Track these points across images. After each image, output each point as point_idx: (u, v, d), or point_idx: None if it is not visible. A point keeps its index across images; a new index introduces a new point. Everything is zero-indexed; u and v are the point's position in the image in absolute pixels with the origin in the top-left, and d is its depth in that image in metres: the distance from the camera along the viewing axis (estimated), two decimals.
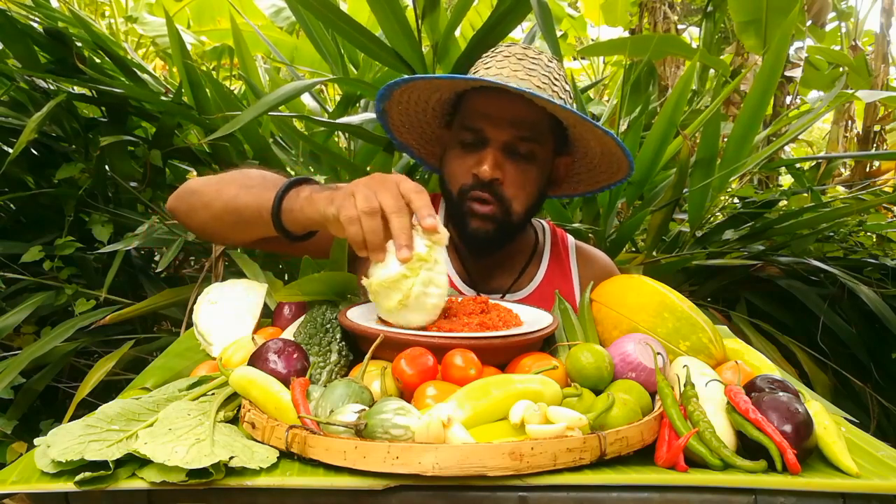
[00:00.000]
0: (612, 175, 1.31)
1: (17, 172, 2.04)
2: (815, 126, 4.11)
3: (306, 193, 0.99)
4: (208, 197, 1.14)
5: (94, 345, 2.05)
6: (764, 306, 2.30)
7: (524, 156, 1.19)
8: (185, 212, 1.20)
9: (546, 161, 1.24)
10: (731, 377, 0.88)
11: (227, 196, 1.11)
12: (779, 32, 2.08)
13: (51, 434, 0.72)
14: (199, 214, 1.16)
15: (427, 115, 1.34)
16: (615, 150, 1.20)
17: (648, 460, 0.74)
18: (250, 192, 1.08)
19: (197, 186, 1.19)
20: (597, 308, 1.08)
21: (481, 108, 1.20)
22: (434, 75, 1.19)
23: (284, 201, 1.02)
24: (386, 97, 1.26)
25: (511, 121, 1.17)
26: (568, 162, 1.30)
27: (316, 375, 0.89)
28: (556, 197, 1.47)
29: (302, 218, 0.99)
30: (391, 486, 0.67)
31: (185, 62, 2.02)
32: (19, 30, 1.93)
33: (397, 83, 1.21)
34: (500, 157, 1.17)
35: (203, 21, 3.94)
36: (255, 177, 1.13)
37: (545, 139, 1.21)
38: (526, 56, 1.22)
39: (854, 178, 3.89)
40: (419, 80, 1.19)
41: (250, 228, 1.10)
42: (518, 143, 1.18)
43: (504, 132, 1.17)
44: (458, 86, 1.24)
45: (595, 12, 4.62)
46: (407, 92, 1.26)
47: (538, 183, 1.23)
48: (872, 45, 4.37)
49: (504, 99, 1.16)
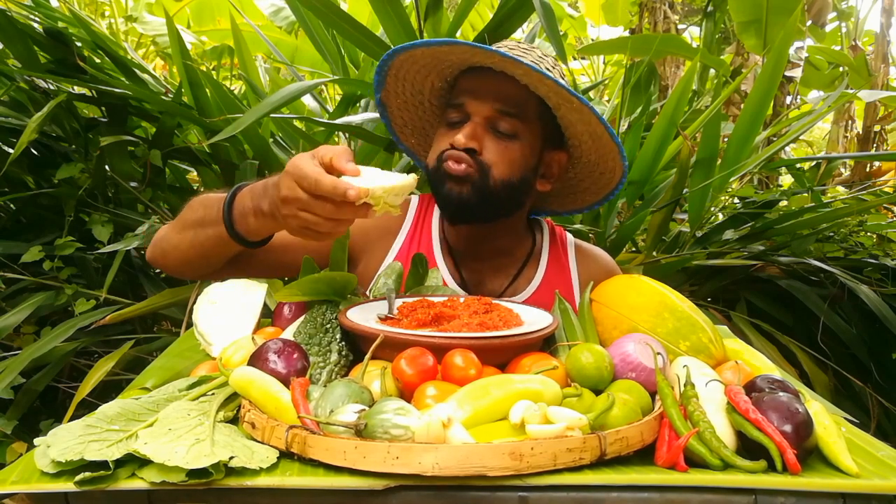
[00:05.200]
0: (610, 178, 1.29)
1: (18, 172, 2.04)
2: (816, 126, 4.10)
3: (248, 201, 1.02)
4: (174, 240, 1.17)
5: (94, 345, 2.06)
6: (764, 306, 2.30)
7: (506, 133, 1.18)
8: (161, 258, 1.23)
9: (532, 145, 1.22)
10: (731, 377, 0.88)
11: (186, 230, 1.14)
12: (781, 33, 2.08)
13: (51, 434, 0.72)
14: (172, 257, 1.18)
15: (426, 112, 1.34)
16: (602, 133, 1.19)
17: (648, 460, 0.74)
18: (201, 218, 1.11)
19: (162, 233, 1.23)
20: (597, 308, 1.08)
21: (466, 86, 1.21)
22: (415, 42, 1.18)
23: (234, 211, 1.04)
24: (381, 85, 1.27)
25: (494, 96, 1.17)
26: (562, 158, 1.28)
27: (316, 375, 0.89)
28: (564, 213, 1.46)
29: (255, 225, 1.02)
30: (391, 486, 0.67)
31: (185, 62, 2.02)
32: (19, 30, 1.93)
33: (384, 62, 1.22)
34: (481, 129, 1.18)
35: (203, 21, 3.94)
36: (197, 205, 1.15)
37: (530, 119, 1.20)
38: (518, 47, 1.23)
39: (854, 179, 3.89)
40: (400, 51, 1.19)
41: (216, 251, 1.12)
42: (499, 119, 1.18)
43: (485, 106, 1.17)
44: (444, 70, 1.24)
45: (595, 12, 4.62)
46: (400, 81, 1.27)
47: (522, 164, 1.21)
48: (872, 45, 4.37)
49: (489, 76, 1.17)
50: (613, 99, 2.95)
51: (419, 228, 1.34)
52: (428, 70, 1.25)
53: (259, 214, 0.99)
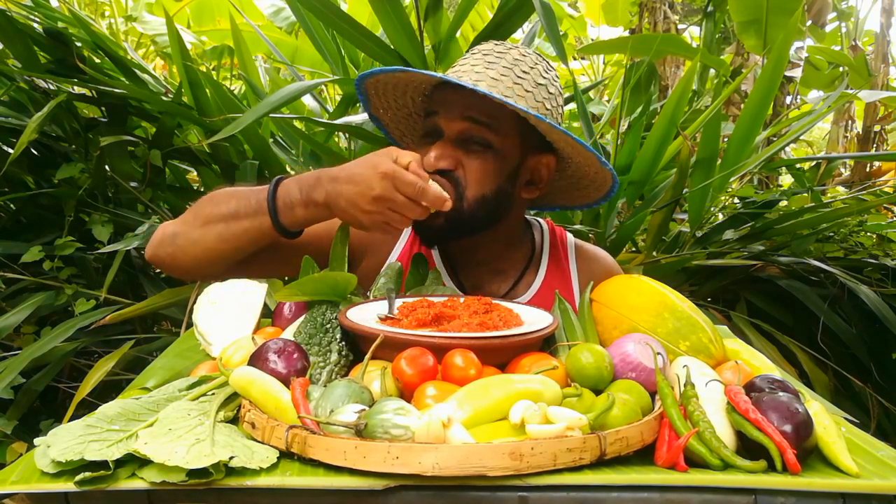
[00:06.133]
0: (604, 177, 1.28)
1: (18, 172, 2.04)
2: (816, 126, 4.10)
3: (295, 193, 1.06)
4: (194, 235, 1.15)
5: (94, 345, 2.06)
6: (764, 306, 2.30)
7: (479, 144, 1.16)
8: (170, 256, 1.19)
9: (509, 154, 1.19)
10: (731, 377, 0.88)
11: (212, 224, 1.13)
12: (781, 33, 2.08)
13: (51, 434, 0.72)
14: (188, 254, 1.16)
15: (416, 123, 1.35)
16: (574, 142, 1.17)
17: (648, 460, 0.74)
18: (234, 211, 1.12)
19: (176, 229, 1.19)
20: (597, 308, 1.08)
21: (439, 99, 1.20)
22: (373, 70, 1.19)
23: (279, 202, 1.07)
24: (367, 102, 1.29)
25: (463, 112, 1.16)
26: (551, 161, 1.25)
27: (316, 375, 0.89)
28: (561, 209, 1.45)
29: (303, 215, 1.07)
30: (391, 486, 0.67)
31: (185, 63, 2.02)
32: (19, 30, 1.93)
33: (357, 85, 1.24)
34: (451, 148, 1.16)
35: (203, 21, 3.94)
36: (226, 198, 1.15)
37: (504, 129, 1.17)
38: (492, 52, 1.21)
39: (854, 179, 3.89)
40: (366, 76, 1.21)
41: (251, 243, 1.13)
42: (472, 133, 1.16)
43: (455, 122, 1.16)
44: (419, 86, 1.25)
45: (595, 12, 4.62)
46: (381, 98, 1.29)
47: (497, 175, 1.18)
48: (872, 45, 4.37)
49: (458, 92, 1.16)
50: (613, 99, 2.95)
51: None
52: (403, 87, 1.26)
53: (311, 205, 1.05)
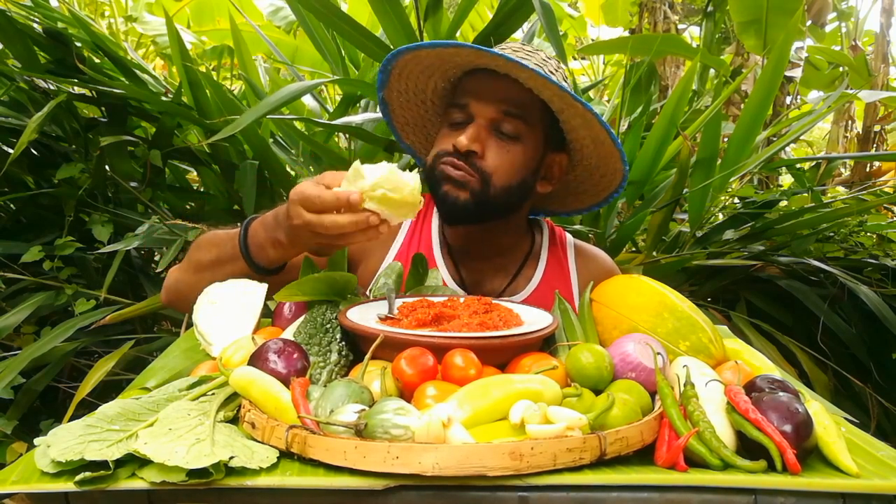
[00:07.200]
0: (610, 180, 1.30)
1: (18, 172, 2.04)
2: (816, 126, 4.10)
3: (261, 235, 1.09)
4: (191, 281, 1.20)
5: (94, 345, 2.05)
6: (764, 306, 2.30)
7: (509, 135, 1.18)
8: (179, 300, 1.27)
9: (535, 147, 1.21)
10: (731, 377, 0.88)
11: (203, 272, 1.17)
12: (781, 34, 2.08)
13: (51, 434, 0.72)
14: (191, 299, 1.17)
15: (428, 111, 1.34)
16: (605, 138, 1.19)
17: (648, 460, 0.74)
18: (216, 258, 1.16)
19: (174, 277, 1.27)
20: (597, 308, 1.08)
21: (470, 87, 1.21)
22: (421, 43, 1.19)
23: (250, 245, 1.11)
24: (384, 84, 1.27)
25: (497, 98, 1.17)
26: (563, 160, 1.28)
27: (316, 375, 0.89)
28: (565, 214, 1.46)
29: (275, 256, 1.09)
30: (391, 486, 0.67)
31: (185, 63, 2.02)
32: (19, 30, 1.93)
33: (388, 61, 1.22)
34: (484, 132, 1.17)
35: (203, 21, 3.94)
36: (207, 245, 1.19)
37: (533, 121, 1.20)
38: (522, 49, 1.24)
39: (854, 179, 3.89)
40: (405, 51, 1.19)
41: None
42: (503, 121, 1.17)
43: (489, 108, 1.17)
44: (448, 71, 1.24)
45: (595, 12, 4.62)
46: (403, 80, 1.27)
47: (523, 167, 1.20)
48: (872, 45, 4.37)
49: (493, 78, 1.17)
50: (613, 99, 2.95)
51: (418, 229, 1.34)
52: (432, 70, 1.25)
53: (277, 245, 1.06)
